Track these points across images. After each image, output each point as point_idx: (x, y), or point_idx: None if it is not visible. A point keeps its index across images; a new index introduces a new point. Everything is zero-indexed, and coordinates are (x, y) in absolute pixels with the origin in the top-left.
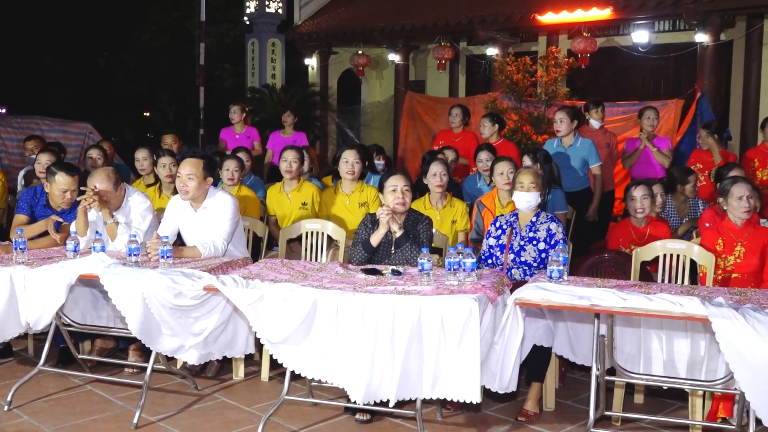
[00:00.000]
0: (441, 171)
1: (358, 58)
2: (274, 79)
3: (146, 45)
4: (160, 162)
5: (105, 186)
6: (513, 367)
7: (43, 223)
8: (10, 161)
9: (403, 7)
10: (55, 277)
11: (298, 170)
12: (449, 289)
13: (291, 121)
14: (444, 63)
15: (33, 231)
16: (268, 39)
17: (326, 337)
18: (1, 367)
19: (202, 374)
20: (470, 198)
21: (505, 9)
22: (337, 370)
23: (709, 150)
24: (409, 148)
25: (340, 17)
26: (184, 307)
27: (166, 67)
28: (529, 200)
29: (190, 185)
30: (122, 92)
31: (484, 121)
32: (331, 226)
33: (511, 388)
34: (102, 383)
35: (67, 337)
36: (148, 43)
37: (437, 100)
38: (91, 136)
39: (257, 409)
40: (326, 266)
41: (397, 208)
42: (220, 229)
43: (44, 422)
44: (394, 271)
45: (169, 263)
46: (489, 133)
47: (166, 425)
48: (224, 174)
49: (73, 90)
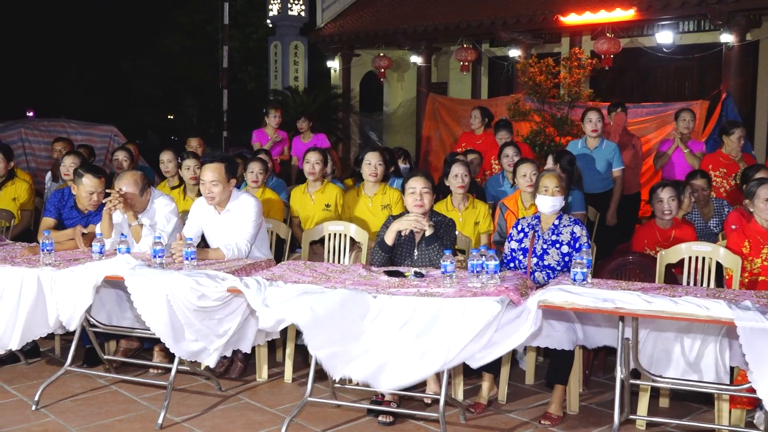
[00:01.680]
0: (462, 172)
1: (380, 60)
2: (297, 82)
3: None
4: (184, 165)
5: (131, 190)
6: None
7: (71, 232)
8: (36, 164)
9: (426, 9)
10: (82, 278)
11: (321, 171)
12: (472, 291)
13: (306, 127)
14: (467, 65)
15: (60, 238)
16: (290, 42)
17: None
18: (29, 367)
19: (225, 375)
20: (493, 199)
21: (527, 10)
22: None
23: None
24: (432, 150)
25: (362, 19)
26: (208, 309)
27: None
28: (554, 204)
29: (215, 191)
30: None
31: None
32: (354, 228)
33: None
34: (127, 384)
35: (93, 337)
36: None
37: (459, 102)
38: (115, 138)
39: (280, 410)
40: (349, 268)
41: (415, 210)
42: (244, 231)
43: (70, 422)
44: (417, 273)
45: (194, 265)
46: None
47: (191, 426)
48: (248, 176)
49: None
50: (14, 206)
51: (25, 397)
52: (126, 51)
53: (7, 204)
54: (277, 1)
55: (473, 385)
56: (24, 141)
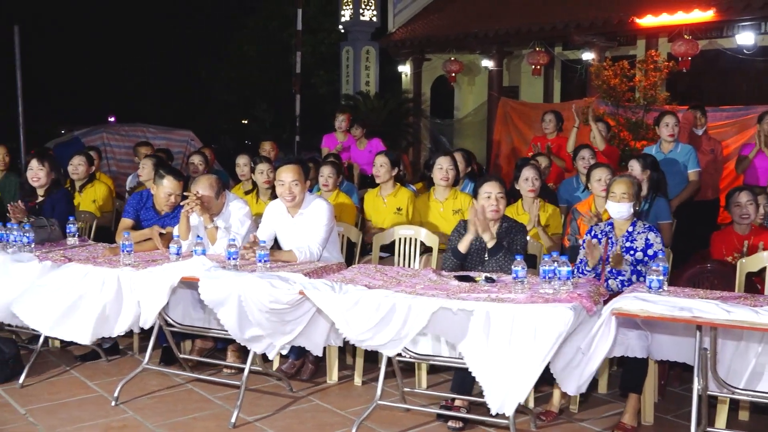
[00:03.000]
0: (533, 176)
1: (451, 65)
2: (368, 87)
3: (244, 55)
4: (257, 168)
5: (207, 193)
6: (591, 374)
7: (148, 231)
8: (118, 167)
9: (497, 13)
10: (160, 278)
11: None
12: (544, 297)
13: (360, 134)
14: (539, 68)
15: (137, 237)
16: (362, 47)
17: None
18: (109, 364)
19: (296, 377)
20: (567, 203)
21: (602, 13)
22: None
23: None
24: (503, 155)
25: (433, 24)
26: (279, 311)
27: (264, 75)
28: (620, 210)
29: (296, 190)
30: (221, 101)
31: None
32: (424, 233)
33: (581, 390)
34: (202, 382)
35: (170, 337)
36: (246, 53)
37: (531, 106)
38: (192, 143)
39: (350, 412)
40: (419, 272)
41: (491, 215)
42: (316, 235)
43: (148, 418)
44: (488, 278)
45: (266, 267)
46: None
47: (263, 425)
48: (320, 180)
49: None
50: (94, 208)
51: (106, 393)
52: (203, 57)
53: (88, 206)
54: (350, 6)
55: (544, 393)
56: (106, 145)
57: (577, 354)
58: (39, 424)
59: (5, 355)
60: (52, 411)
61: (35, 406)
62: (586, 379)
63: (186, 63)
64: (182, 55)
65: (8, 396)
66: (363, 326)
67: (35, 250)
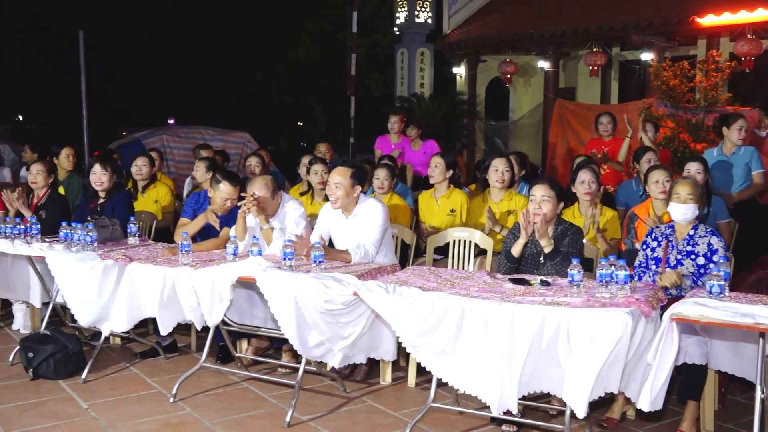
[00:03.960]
0: (590, 178)
1: (506, 66)
2: (423, 88)
3: (300, 57)
4: (312, 169)
5: (263, 193)
6: (662, 386)
7: (202, 218)
8: (177, 168)
9: (554, 13)
10: (218, 278)
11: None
12: (600, 301)
13: (416, 134)
14: (596, 69)
15: (193, 228)
16: (417, 48)
17: (473, 347)
18: (168, 361)
19: (350, 377)
20: (625, 206)
21: (661, 12)
22: (482, 381)
23: None
24: (558, 156)
25: (489, 25)
26: (334, 312)
27: (319, 78)
28: (685, 212)
29: (338, 194)
30: (277, 103)
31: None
32: (479, 235)
33: (657, 406)
34: (257, 381)
35: (226, 336)
36: (302, 56)
37: (588, 108)
38: (249, 144)
39: (403, 414)
40: (474, 275)
41: (533, 218)
42: (370, 236)
43: (204, 415)
44: (543, 281)
45: (321, 268)
46: (652, 138)
47: (317, 425)
48: (375, 182)
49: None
50: (156, 208)
51: (164, 390)
52: (259, 60)
53: (150, 206)
54: (405, 8)
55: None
56: (165, 147)
57: (640, 365)
58: (101, 418)
59: (69, 351)
60: (113, 406)
61: (97, 401)
62: (659, 393)
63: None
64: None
65: (72, 391)
66: (417, 329)
67: (97, 249)
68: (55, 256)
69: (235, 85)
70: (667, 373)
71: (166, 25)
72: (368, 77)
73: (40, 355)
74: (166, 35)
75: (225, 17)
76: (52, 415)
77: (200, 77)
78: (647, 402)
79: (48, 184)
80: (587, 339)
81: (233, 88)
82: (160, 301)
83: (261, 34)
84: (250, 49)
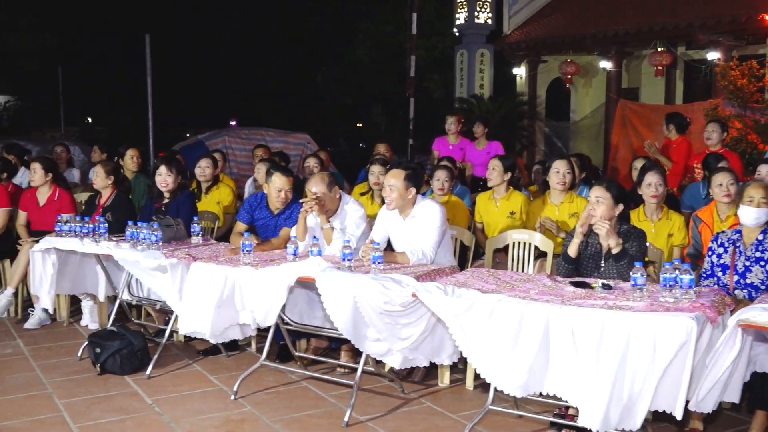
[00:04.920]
0: (657, 181)
1: (567, 67)
2: (482, 89)
3: (359, 59)
4: (370, 170)
5: (320, 188)
6: (713, 388)
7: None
8: (239, 169)
9: (616, 13)
10: (277, 278)
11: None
12: (664, 306)
13: (481, 132)
14: (660, 69)
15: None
16: (477, 49)
17: (532, 351)
18: (229, 359)
19: (408, 378)
20: (690, 209)
21: (728, 11)
22: (544, 386)
23: None
24: (621, 158)
25: (549, 25)
26: (393, 313)
27: (378, 79)
28: (758, 216)
29: (392, 196)
30: (337, 104)
31: (713, 127)
32: (539, 237)
33: (706, 408)
34: (316, 380)
35: (286, 335)
36: (361, 58)
37: (652, 108)
38: (308, 146)
39: (462, 416)
40: (533, 277)
41: (589, 219)
42: (428, 237)
43: (264, 413)
44: (605, 285)
45: (380, 269)
46: (717, 140)
47: (375, 425)
48: (434, 184)
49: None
50: (218, 209)
51: (226, 387)
52: (319, 62)
53: (213, 207)
54: (464, 9)
55: None
56: (227, 148)
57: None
58: (164, 414)
59: (134, 347)
60: (176, 402)
61: (161, 396)
62: (707, 394)
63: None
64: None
65: (137, 386)
66: (475, 332)
67: (162, 248)
68: (122, 255)
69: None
70: (720, 374)
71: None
72: (427, 79)
73: (107, 351)
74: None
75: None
76: (118, 409)
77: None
78: (694, 402)
79: (110, 184)
80: (650, 344)
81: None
82: (219, 300)
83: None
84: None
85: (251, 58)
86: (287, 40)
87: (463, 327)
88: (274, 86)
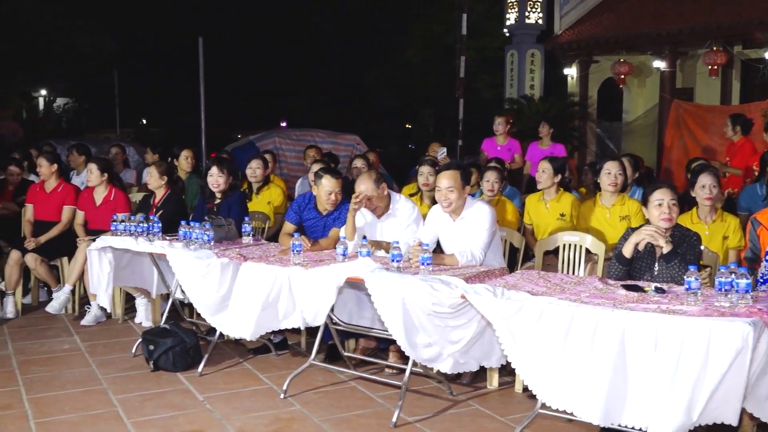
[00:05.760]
0: (711, 183)
1: (620, 67)
2: (533, 90)
3: (409, 60)
4: (419, 171)
5: (368, 185)
6: None
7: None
8: (289, 170)
9: (670, 12)
10: (326, 278)
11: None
12: (719, 310)
13: (547, 132)
14: (716, 68)
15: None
16: (527, 50)
17: (581, 357)
18: (278, 358)
19: (456, 380)
20: (747, 211)
21: None
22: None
23: None
24: (675, 160)
25: (601, 25)
26: (442, 315)
27: (427, 80)
28: None
29: (452, 197)
30: (386, 106)
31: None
32: (590, 239)
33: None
34: (364, 381)
35: (335, 335)
36: (410, 59)
37: (707, 109)
38: (358, 147)
39: (510, 420)
40: (584, 280)
41: (663, 224)
42: (478, 239)
43: (313, 412)
44: (658, 288)
45: (429, 270)
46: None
47: (423, 427)
48: (484, 185)
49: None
50: (269, 209)
51: (275, 386)
52: (369, 63)
53: (263, 207)
54: (515, 10)
55: None
56: (278, 149)
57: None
58: (215, 411)
59: (187, 344)
60: (227, 400)
61: (212, 394)
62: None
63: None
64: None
65: (189, 383)
66: (524, 335)
67: (214, 248)
68: (174, 254)
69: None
70: None
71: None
72: (477, 79)
73: (160, 348)
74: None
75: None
76: (170, 405)
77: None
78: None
79: (163, 184)
80: (703, 350)
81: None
82: (264, 302)
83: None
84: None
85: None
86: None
87: (511, 330)
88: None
